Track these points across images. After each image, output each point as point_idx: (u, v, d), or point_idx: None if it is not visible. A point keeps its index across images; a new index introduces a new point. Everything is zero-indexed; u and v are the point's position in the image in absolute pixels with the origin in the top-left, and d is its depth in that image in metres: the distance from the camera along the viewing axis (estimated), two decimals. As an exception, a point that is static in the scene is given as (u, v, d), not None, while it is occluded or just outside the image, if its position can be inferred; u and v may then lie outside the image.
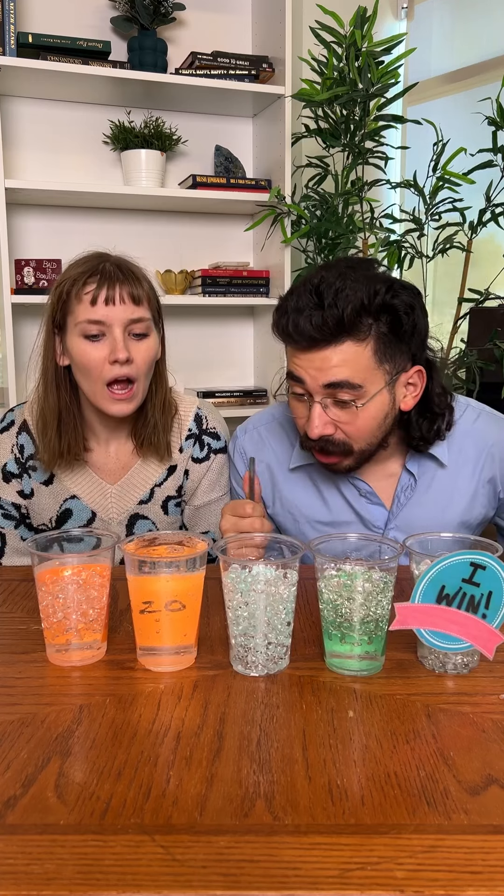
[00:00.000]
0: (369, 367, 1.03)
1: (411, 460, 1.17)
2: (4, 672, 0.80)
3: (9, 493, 1.30)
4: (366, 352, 1.02)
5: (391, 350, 1.04)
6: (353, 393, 1.03)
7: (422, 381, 1.10)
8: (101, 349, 1.17)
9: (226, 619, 0.81)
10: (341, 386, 1.02)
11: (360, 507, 1.19)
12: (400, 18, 2.87)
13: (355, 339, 1.01)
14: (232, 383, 2.73)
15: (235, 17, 2.58)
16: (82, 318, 1.16)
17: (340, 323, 0.99)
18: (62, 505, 1.29)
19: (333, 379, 1.02)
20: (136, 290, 1.18)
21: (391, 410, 1.09)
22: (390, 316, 1.02)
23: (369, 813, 0.57)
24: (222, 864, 0.51)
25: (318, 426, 1.05)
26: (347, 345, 1.01)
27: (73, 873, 0.51)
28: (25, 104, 2.36)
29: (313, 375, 1.03)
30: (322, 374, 1.02)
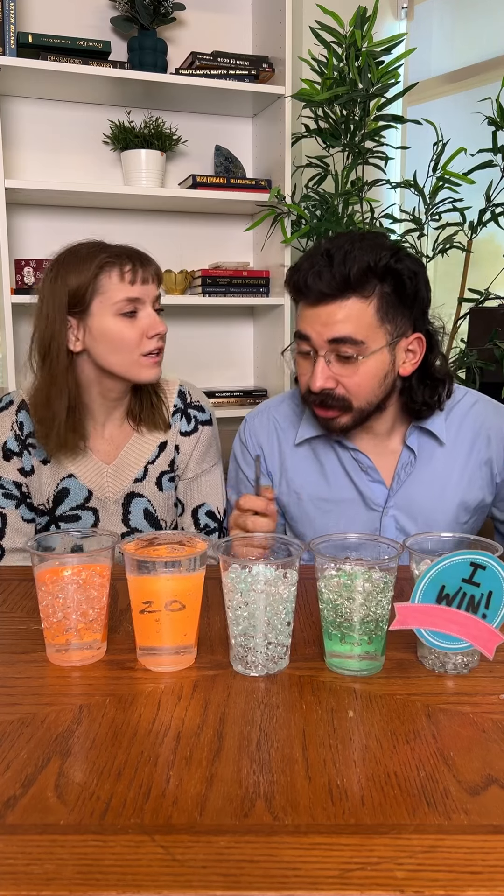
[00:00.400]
0: (372, 324, 1.10)
1: (411, 437, 1.22)
2: (4, 672, 0.80)
3: (9, 471, 1.32)
4: (369, 309, 1.10)
5: (393, 312, 1.11)
6: (354, 348, 1.10)
7: (421, 349, 1.16)
8: (137, 325, 1.25)
9: (226, 619, 0.81)
10: (344, 341, 1.09)
11: (361, 483, 1.23)
12: (400, 18, 2.87)
13: (360, 296, 1.09)
14: (232, 383, 2.73)
15: (235, 17, 2.58)
16: (121, 297, 1.22)
17: (347, 280, 1.07)
18: (59, 484, 1.32)
19: (337, 334, 1.09)
20: (158, 270, 1.29)
21: (390, 372, 1.14)
22: (394, 279, 1.10)
23: (369, 813, 0.57)
24: (222, 864, 0.51)
25: (320, 379, 1.12)
26: (352, 301, 1.09)
27: (73, 873, 0.51)
28: (25, 104, 2.36)
29: (319, 331, 1.11)
30: (327, 329, 1.10)
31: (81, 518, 1.32)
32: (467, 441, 1.23)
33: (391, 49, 2.15)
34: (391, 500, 1.22)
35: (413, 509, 1.22)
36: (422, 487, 1.21)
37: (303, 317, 1.14)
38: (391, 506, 1.22)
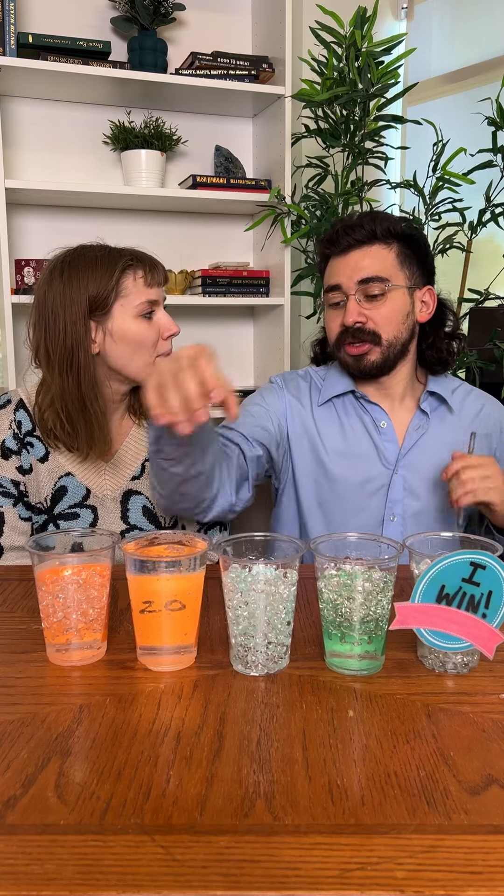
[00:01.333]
0: (394, 266, 1.31)
1: (425, 401, 1.37)
2: (4, 672, 0.80)
3: (8, 469, 1.31)
4: (391, 254, 1.31)
5: (409, 262, 1.32)
6: (380, 285, 1.29)
7: (433, 301, 1.36)
8: (154, 327, 1.29)
9: (226, 619, 0.81)
10: (371, 280, 1.29)
11: (377, 440, 1.36)
12: (400, 18, 2.87)
13: (383, 243, 1.31)
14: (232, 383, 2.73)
15: (235, 17, 2.58)
16: (143, 300, 1.27)
17: (373, 232, 1.30)
18: (57, 482, 1.31)
19: (366, 275, 1.29)
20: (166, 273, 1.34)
21: (411, 313, 1.33)
22: (410, 240, 1.32)
23: (369, 813, 0.57)
24: (222, 864, 0.51)
25: (352, 313, 1.30)
26: (377, 247, 1.31)
27: (73, 873, 0.51)
28: (25, 104, 2.36)
29: (349, 275, 1.30)
30: (356, 271, 1.30)
31: (80, 516, 1.32)
32: (472, 413, 1.40)
33: (391, 49, 2.15)
34: (401, 458, 1.35)
35: (421, 470, 1.35)
36: (430, 449, 1.35)
37: (333, 270, 1.33)
38: (401, 465, 1.35)
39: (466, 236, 2.26)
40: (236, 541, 0.85)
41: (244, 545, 0.86)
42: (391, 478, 1.34)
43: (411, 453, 1.35)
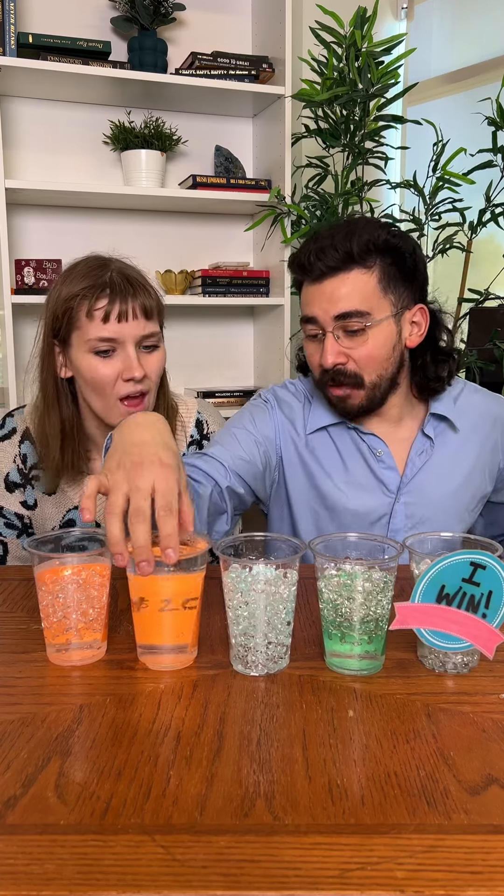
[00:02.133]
0: (375, 294, 1.14)
1: (429, 424, 1.24)
2: (4, 672, 0.80)
3: (12, 502, 1.29)
4: (371, 280, 1.14)
5: (395, 283, 1.16)
6: (361, 320, 1.13)
7: (425, 320, 1.20)
8: (112, 365, 1.14)
9: (226, 619, 0.81)
10: (350, 315, 1.13)
11: (376, 469, 1.24)
12: (400, 18, 2.87)
13: (362, 267, 1.13)
14: (232, 383, 2.73)
15: (235, 17, 2.58)
16: (93, 336, 1.13)
17: (350, 254, 1.12)
18: (65, 515, 1.29)
19: (343, 309, 1.13)
20: (148, 303, 1.15)
21: (398, 343, 1.18)
22: (394, 254, 1.15)
23: (369, 813, 0.57)
24: (222, 864, 0.51)
25: (330, 353, 1.14)
26: (355, 273, 1.13)
27: (73, 873, 0.51)
28: (25, 104, 2.36)
29: (325, 308, 1.14)
30: (332, 305, 1.13)
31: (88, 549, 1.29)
32: (476, 427, 1.27)
33: (391, 49, 2.15)
34: (404, 486, 1.23)
35: (425, 496, 1.23)
36: (435, 474, 1.24)
37: (308, 298, 1.17)
38: (403, 493, 1.23)
39: (466, 236, 2.26)
40: (236, 541, 0.85)
41: (244, 545, 0.86)
42: (392, 507, 1.23)
43: (414, 481, 1.23)
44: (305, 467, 1.26)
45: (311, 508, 1.27)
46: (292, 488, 1.27)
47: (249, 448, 1.23)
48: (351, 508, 1.23)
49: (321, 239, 1.15)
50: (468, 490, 1.25)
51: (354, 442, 1.25)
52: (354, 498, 1.23)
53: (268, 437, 1.26)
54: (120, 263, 1.20)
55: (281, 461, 1.27)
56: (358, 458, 1.24)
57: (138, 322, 1.15)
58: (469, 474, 1.25)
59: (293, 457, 1.27)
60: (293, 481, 1.27)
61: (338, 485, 1.24)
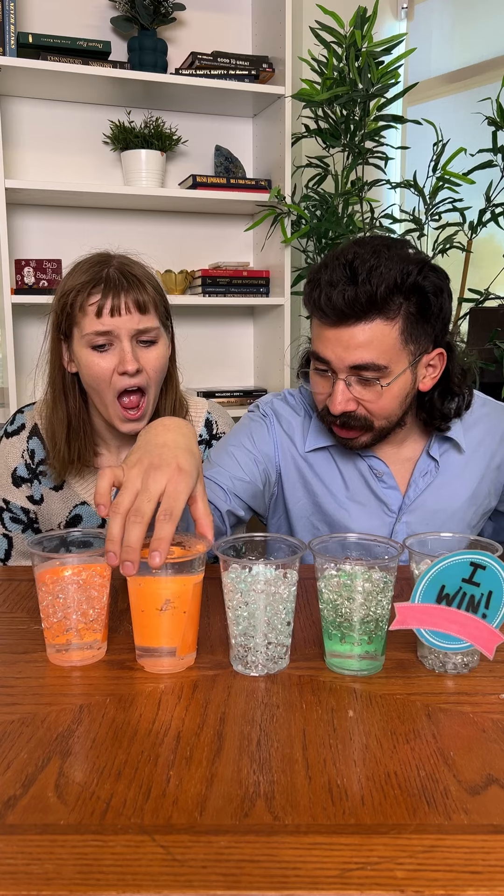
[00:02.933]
0: (395, 347, 1.04)
1: (434, 446, 1.19)
2: (4, 672, 0.80)
3: (18, 497, 1.29)
4: (393, 332, 1.04)
5: (417, 331, 1.06)
6: (377, 373, 1.05)
7: (442, 364, 1.12)
8: (109, 359, 1.15)
9: (226, 619, 0.81)
10: (367, 367, 1.04)
11: (377, 488, 1.20)
12: (400, 18, 2.87)
13: (385, 317, 1.03)
14: (232, 383, 2.73)
15: (235, 17, 2.58)
16: (89, 330, 1.14)
17: (372, 300, 1.00)
18: (72, 511, 1.29)
19: (359, 361, 1.04)
20: (142, 297, 1.15)
21: (412, 390, 1.11)
22: (420, 297, 1.04)
23: (369, 813, 0.57)
24: (222, 864, 0.51)
25: (340, 402, 1.06)
26: (377, 323, 1.03)
27: (73, 873, 0.51)
28: (25, 104, 2.36)
29: (339, 355, 1.05)
30: (348, 353, 1.04)
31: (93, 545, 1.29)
32: (482, 445, 1.22)
33: (391, 49, 2.15)
34: (405, 507, 1.19)
35: (427, 517, 1.20)
36: (438, 495, 1.20)
37: (321, 337, 1.07)
38: (405, 513, 1.20)
39: (466, 236, 2.26)
40: (236, 541, 0.85)
41: (244, 545, 0.86)
42: (393, 527, 1.20)
43: (417, 502, 1.19)
44: (306, 484, 1.23)
45: (311, 523, 1.24)
46: (291, 503, 1.24)
47: (249, 468, 1.19)
48: (351, 527, 1.20)
49: (338, 272, 1.01)
50: (471, 508, 1.23)
51: (355, 462, 1.21)
52: (355, 516, 1.20)
53: (267, 454, 1.21)
54: (123, 259, 1.20)
55: (280, 477, 1.24)
56: (358, 477, 1.21)
57: (132, 316, 1.14)
58: (473, 493, 1.22)
59: (293, 472, 1.23)
60: (293, 496, 1.24)
61: (339, 502, 1.21)
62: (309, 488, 1.23)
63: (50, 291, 1.22)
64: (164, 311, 1.22)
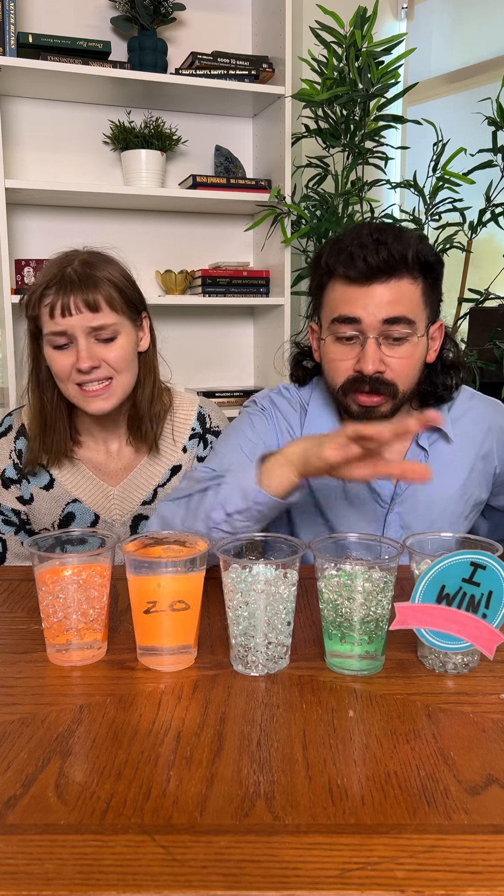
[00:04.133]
0: (419, 306, 1.10)
1: (423, 435, 1.21)
2: (4, 672, 0.80)
3: (8, 498, 1.30)
4: (417, 291, 1.09)
5: (430, 299, 1.12)
6: (408, 328, 1.08)
7: (440, 337, 1.17)
8: (68, 356, 1.17)
9: (226, 619, 0.81)
10: (399, 321, 1.07)
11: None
12: (400, 18, 2.87)
13: (411, 276, 1.08)
14: (232, 383, 2.73)
15: (235, 17, 2.58)
16: (47, 330, 1.17)
17: (404, 258, 1.06)
18: (64, 509, 1.29)
19: (394, 314, 1.07)
20: (92, 297, 1.15)
21: (423, 358, 1.15)
22: (432, 271, 1.11)
23: (369, 813, 0.57)
24: (222, 864, 0.51)
25: (373, 362, 1.08)
26: (405, 281, 1.08)
27: (73, 873, 0.51)
28: (25, 104, 2.36)
29: (372, 312, 1.07)
30: (381, 308, 1.07)
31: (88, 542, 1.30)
32: (470, 436, 1.24)
33: (391, 49, 2.15)
34: (397, 497, 1.21)
35: (418, 507, 1.21)
36: (429, 486, 1.20)
37: (349, 299, 1.09)
38: (397, 503, 1.21)
39: (466, 236, 2.26)
40: (236, 541, 0.85)
41: (244, 545, 0.86)
42: (386, 517, 1.21)
43: (408, 491, 1.21)
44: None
45: (309, 516, 1.25)
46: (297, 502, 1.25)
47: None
48: (346, 517, 1.21)
49: (366, 238, 1.07)
50: (461, 498, 1.24)
51: None
52: (348, 507, 1.22)
53: (269, 445, 1.22)
54: (86, 256, 1.20)
55: None
56: None
57: (83, 315, 1.15)
58: (463, 483, 1.23)
59: None
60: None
61: (333, 493, 1.22)
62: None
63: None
64: (126, 306, 1.21)
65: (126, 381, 1.22)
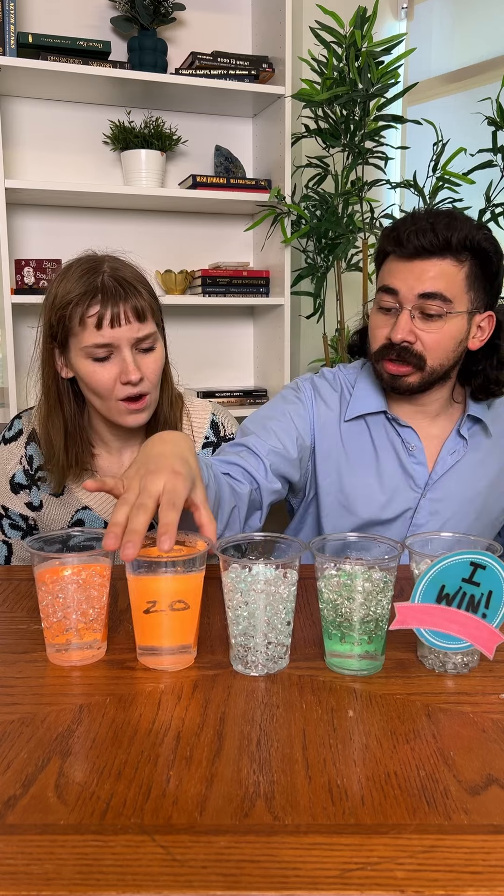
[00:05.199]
0: (461, 287, 1.15)
1: (465, 425, 1.25)
2: (4, 672, 0.80)
3: (17, 503, 1.29)
4: (460, 273, 1.15)
5: (477, 284, 1.17)
6: (442, 305, 1.14)
7: (490, 327, 1.21)
8: (110, 369, 1.14)
9: (226, 619, 0.81)
10: (434, 297, 1.14)
11: (406, 462, 1.25)
12: (400, 18, 2.87)
13: (454, 259, 1.14)
14: (232, 383, 2.73)
15: (235, 17, 2.58)
16: (88, 343, 1.12)
17: (448, 242, 1.13)
18: (74, 516, 1.28)
19: (430, 289, 1.14)
20: (140, 304, 1.14)
21: (464, 340, 1.19)
22: (483, 257, 1.16)
23: (369, 813, 0.57)
24: (222, 864, 0.51)
25: (402, 331, 1.15)
26: (447, 262, 1.14)
27: (73, 873, 0.51)
28: (25, 104, 2.36)
29: (410, 285, 1.15)
30: (419, 283, 1.14)
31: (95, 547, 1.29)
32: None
33: (391, 49, 2.15)
34: (431, 483, 1.25)
35: (451, 496, 1.25)
36: (463, 475, 1.25)
37: (392, 271, 1.17)
38: (431, 489, 1.25)
39: (466, 236, 2.25)
40: (236, 541, 0.85)
41: (244, 545, 0.86)
42: (418, 502, 1.25)
43: (443, 479, 1.25)
44: (336, 456, 1.27)
45: (336, 498, 1.28)
46: (321, 476, 1.28)
47: (287, 441, 1.23)
48: (378, 499, 1.25)
49: (420, 220, 1.15)
50: (492, 493, 1.26)
51: (389, 434, 1.26)
52: (381, 489, 1.25)
53: (305, 428, 1.26)
54: (114, 263, 1.18)
55: (314, 452, 1.28)
56: (390, 450, 1.26)
57: (131, 326, 1.13)
58: (492, 483, 1.26)
59: (327, 445, 1.27)
60: (324, 470, 1.28)
61: (367, 475, 1.26)
62: (339, 458, 1.27)
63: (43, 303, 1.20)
64: (159, 314, 1.21)
65: (156, 394, 1.21)
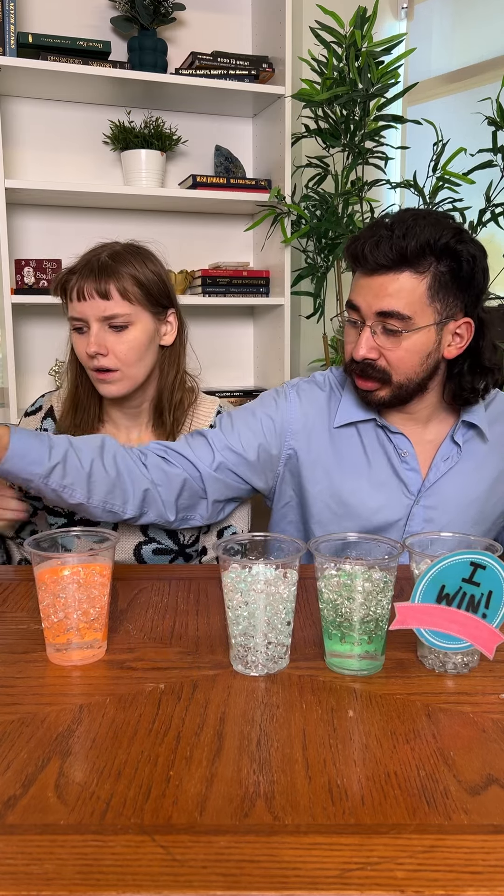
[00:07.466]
0: (421, 301, 1.10)
1: (459, 431, 1.22)
2: (4, 672, 0.80)
3: None
4: (421, 286, 1.10)
5: (445, 292, 1.11)
6: (400, 323, 1.11)
7: (468, 335, 1.16)
8: (83, 341, 1.23)
9: (226, 619, 0.81)
10: (391, 315, 1.10)
11: (399, 469, 1.23)
12: (400, 18, 2.87)
13: (414, 271, 1.09)
14: (232, 383, 2.73)
15: (235, 17, 2.58)
16: (69, 314, 1.23)
17: (403, 254, 1.08)
18: None
19: (385, 308, 1.10)
20: (104, 286, 1.18)
21: (434, 352, 1.14)
22: (451, 260, 1.10)
23: (369, 813, 0.57)
24: (222, 864, 0.51)
25: (363, 348, 1.13)
26: (406, 276, 1.10)
27: (73, 873, 0.51)
28: (25, 104, 2.36)
29: (369, 302, 1.12)
30: (377, 301, 1.11)
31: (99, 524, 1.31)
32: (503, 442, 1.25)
33: (391, 49, 2.15)
34: (424, 489, 1.22)
35: (446, 503, 1.22)
36: (458, 482, 1.22)
37: (356, 286, 1.16)
38: (424, 496, 1.22)
39: (466, 236, 2.25)
40: (236, 541, 0.85)
41: (244, 545, 0.86)
42: (411, 509, 1.22)
43: (436, 486, 1.22)
44: (325, 462, 1.24)
45: (327, 505, 1.24)
46: (311, 484, 1.24)
47: (249, 442, 1.21)
48: (369, 505, 1.21)
49: (379, 229, 1.11)
50: (490, 500, 1.24)
51: (380, 440, 1.23)
52: (374, 496, 1.22)
53: (280, 431, 1.24)
54: (120, 247, 1.26)
55: (295, 455, 1.24)
56: (382, 456, 1.23)
57: (95, 302, 1.19)
58: (490, 488, 1.23)
59: (313, 451, 1.24)
60: (312, 477, 1.24)
61: (359, 480, 1.23)
62: (328, 464, 1.24)
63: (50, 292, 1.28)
64: (147, 299, 1.24)
65: (136, 372, 1.26)
